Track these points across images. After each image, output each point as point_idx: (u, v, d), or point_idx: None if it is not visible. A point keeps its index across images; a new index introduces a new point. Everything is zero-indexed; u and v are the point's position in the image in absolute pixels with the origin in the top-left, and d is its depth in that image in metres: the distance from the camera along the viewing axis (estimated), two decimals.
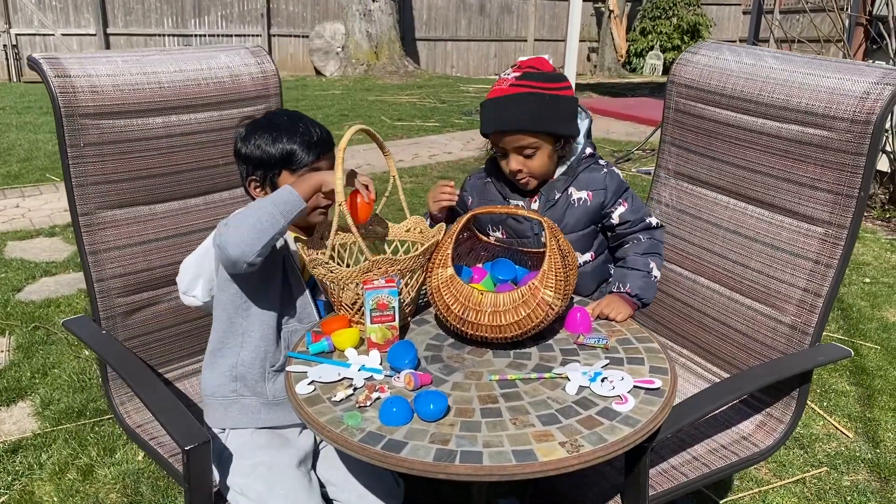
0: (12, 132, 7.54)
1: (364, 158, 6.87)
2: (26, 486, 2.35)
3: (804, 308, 1.78)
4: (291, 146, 1.69)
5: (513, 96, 1.77)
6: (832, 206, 1.72)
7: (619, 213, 1.89)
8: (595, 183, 1.88)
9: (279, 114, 1.78)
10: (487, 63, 15.25)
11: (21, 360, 3.09)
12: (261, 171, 1.71)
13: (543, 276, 1.51)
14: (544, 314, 1.51)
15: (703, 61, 2.00)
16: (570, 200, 1.88)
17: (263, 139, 1.70)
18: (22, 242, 4.54)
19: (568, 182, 1.88)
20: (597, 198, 1.87)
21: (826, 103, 1.69)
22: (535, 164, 1.83)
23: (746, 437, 1.84)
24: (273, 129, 1.71)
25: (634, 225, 1.91)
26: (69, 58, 1.78)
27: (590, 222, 1.90)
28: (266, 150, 1.69)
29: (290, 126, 1.71)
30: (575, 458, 1.23)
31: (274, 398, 1.71)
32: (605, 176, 1.88)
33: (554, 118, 1.78)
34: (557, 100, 1.78)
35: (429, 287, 1.59)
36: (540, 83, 1.77)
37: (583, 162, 1.89)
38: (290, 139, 1.69)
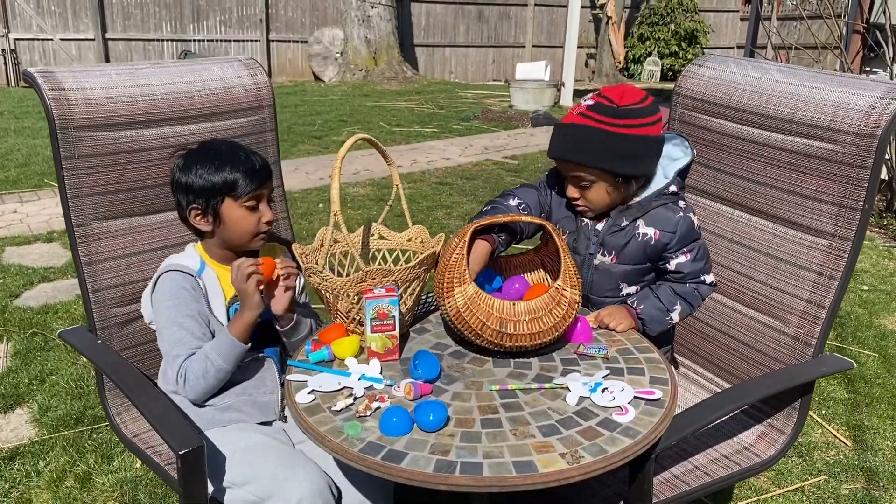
0: (10, 137, 7.53)
1: (363, 164, 6.87)
2: (24, 494, 2.34)
3: (807, 319, 1.77)
4: (234, 174, 1.71)
5: (576, 127, 1.76)
6: (836, 219, 1.71)
7: (678, 262, 1.83)
8: (666, 223, 1.81)
9: (217, 143, 1.81)
10: (486, 69, 15.28)
11: (19, 367, 3.08)
12: (203, 200, 1.73)
13: (564, 276, 1.54)
14: (574, 313, 1.56)
15: (708, 73, 2.00)
16: (636, 233, 1.83)
17: (206, 168, 1.72)
18: (20, 248, 4.52)
19: (639, 213, 1.83)
20: (663, 238, 1.81)
21: (831, 117, 1.69)
22: (592, 197, 1.81)
23: (748, 447, 1.84)
24: (215, 157, 1.73)
25: (687, 277, 1.84)
26: (63, 71, 1.79)
27: (647, 259, 1.85)
28: (209, 179, 1.71)
29: (231, 154, 1.75)
30: (575, 470, 1.23)
31: (219, 403, 1.74)
32: (678, 220, 1.81)
33: (611, 156, 1.73)
34: (620, 137, 1.72)
35: (448, 309, 1.54)
36: (607, 118, 1.73)
37: (663, 197, 1.83)
38: (234, 167, 1.72)
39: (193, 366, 1.66)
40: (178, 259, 1.79)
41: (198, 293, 1.73)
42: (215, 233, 1.78)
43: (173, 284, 1.72)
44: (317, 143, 7.82)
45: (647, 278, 1.90)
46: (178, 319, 1.69)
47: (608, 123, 1.73)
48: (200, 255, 1.81)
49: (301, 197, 5.68)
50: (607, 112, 1.74)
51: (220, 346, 1.67)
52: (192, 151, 1.77)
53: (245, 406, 1.75)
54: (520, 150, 7.74)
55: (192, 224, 1.77)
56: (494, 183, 6.30)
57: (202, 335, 1.70)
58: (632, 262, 1.85)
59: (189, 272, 1.74)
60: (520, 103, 10.70)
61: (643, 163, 1.79)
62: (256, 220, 1.76)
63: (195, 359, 1.67)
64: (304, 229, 4.80)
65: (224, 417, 1.73)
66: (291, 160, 6.91)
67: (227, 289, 1.77)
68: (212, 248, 1.81)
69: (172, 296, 1.71)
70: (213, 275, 1.78)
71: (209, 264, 1.79)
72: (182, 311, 1.70)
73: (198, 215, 1.75)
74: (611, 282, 1.86)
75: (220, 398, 1.74)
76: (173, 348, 1.69)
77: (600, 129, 1.72)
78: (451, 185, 6.16)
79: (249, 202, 1.73)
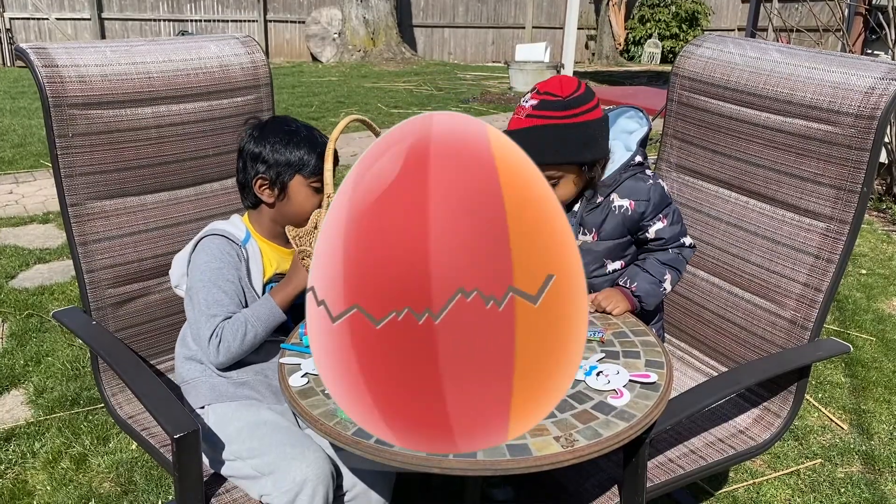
0: (6, 117, 7.49)
1: (360, 146, 6.84)
2: (19, 475, 2.34)
3: (804, 303, 1.76)
4: (312, 155, 1.74)
5: (528, 130, 1.71)
6: (834, 202, 1.70)
7: (657, 228, 1.83)
8: (639, 193, 1.81)
9: (292, 120, 1.82)
10: (485, 50, 15.19)
11: (14, 348, 3.07)
12: (273, 172, 1.74)
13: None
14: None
15: (707, 54, 1.98)
16: (612, 207, 1.82)
17: (283, 142, 1.73)
18: (15, 229, 4.51)
19: (611, 188, 1.82)
20: (638, 208, 1.81)
21: (830, 98, 1.67)
22: (562, 192, 1.78)
23: (743, 430, 1.84)
24: (294, 134, 1.75)
25: (668, 243, 1.85)
26: (57, 48, 1.76)
27: (626, 232, 1.84)
28: (285, 153, 1.73)
29: (308, 133, 1.77)
30: (569, 454, 1.22)
31: (238, 378, 1.74)
32: (650, 187, 1.81)
33: (574, 148, 1.71)
34: (576, 127, 1.71)
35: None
36: (557, 112, 1.70)
37: (630, 169, 1.83)
38: (311, 149, 1.75)
39: (231, 327, 1.66)
40: (224, 226, 1.79)
41: (240, 262, 1.74)
42: (275, 205, 1.78)
43: (218, 248, 1.72)
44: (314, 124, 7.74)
45: (630, 251, 1.90)
46: (219, 282, 1.69)
47: (560, 117, 1.70)
48: (247, 226, 1.81)
49: None
50: (555, 106, 1.70)
51: (262, 313, 1.68)
52: (269, 122, 1.79)
53: (260, 386, 1.74)
54: None
55: (255, 192, 1.77)
56: None
57: (239, 302, 1.71)
58: (613, 237, 1.85)
59: (235, 240, 1.75)
60: (519, 85, 10.64)
61: (601, 145, 1.78)
62: (318, 201, 1.76)
63: (233, 321, 1.66)
64: None
65: (238, 392, 1.73)
66: None
67: (268, 265, 1.78)
68: (262, 221, 1.81)
69: (215, 257, 1.71)
70: (256, 248, 1.78)
71: (254, 237, 1.80)
72: (223, 275, 1.70)
73: (263, 185, 1.75)
74: (595, 260, 1.86)
75: (238, 373, 1.74)
76: (211, 307, 1.67)
77: (554, 125, 1.70)
78: None
79: (316, 183, 1.75)
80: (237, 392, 1.73)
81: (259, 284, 1.77)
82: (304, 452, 1.57)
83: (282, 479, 1.53)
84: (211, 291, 1.68)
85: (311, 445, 1.60)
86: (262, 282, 1.77)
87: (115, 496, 2.25)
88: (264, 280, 1.78)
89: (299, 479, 1.52)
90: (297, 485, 1.52)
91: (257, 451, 1.59)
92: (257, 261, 1.78)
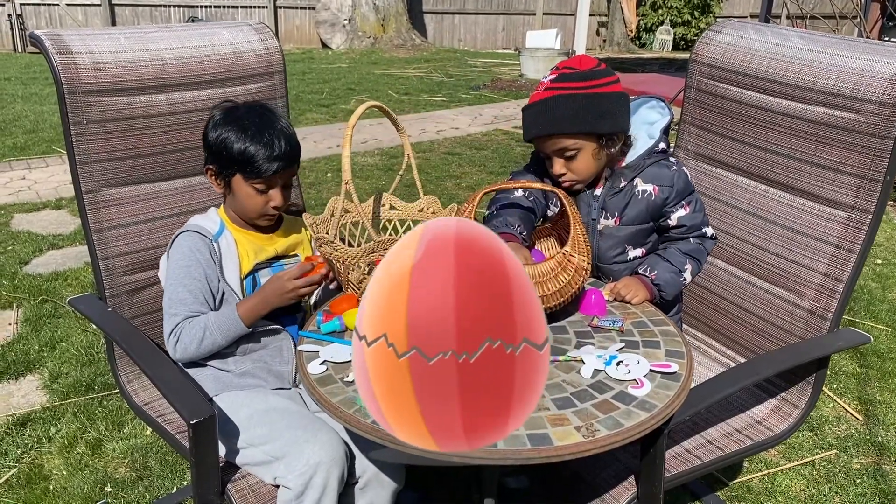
0: (18, 103, 7.50)
1: (371, 133, 6.83)
2: (35, 460, 2.35)
3: (824, 293, 1.75)
4: (250, 153, 1.65)
5: (547, 100, 1.72)
6: (856, 190, 1.68)
7: (679, 215, 1.82)
8: (662, 179, 1.80)
9: (254, 112, 1.71)
10: (495, 36, 15.10)
11: (29, 334, 3.09)
12: (218, 166, 1.71)
13: (574, 242, 1.53)
14: (582, 279, 1.54)
15: (726, 40, 1.95)
16: (635, 191, 1.81)
17: (229, 134, 1.66)
18: (28, 215, 4.52)
19: (635, 172, 1.81)
20: (662, 193, 1.79)
21: (854, 85, 1.65)
22: (578, 166, 1.76)
23: (760, 421, 1.83)
24: (242, 127, 1.66)
25: (689, 231, 1.83)
26: (71, 34, 1.75)
27: (649, 218, 1.83)
28: (228, 148, 1.66)
29: (257, 131, 1.66)
30: (591, 443, 1.22)
31: (237, 369, 1.74)
32: (673, 174, 1.80)
33: (591, 117, 1.70)
34: (595, 98, 1.70)
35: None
36: (575, 83, 1.70)
37: (653, 156, 1.81)
38: (253, 145, 1.65)
39: (190, 330, 1.66)
40: (199, 220, 1.78)
41: (211, 257, 1.72)
42: (226, 198, 1.77)
43: (188, 246, 1.71)
44: (325, 111, 7.76)
45: (651, 239, 1.89)
46: (185, 280, 1.68)
47: (578, 88, 1.70)
48: (221, 218, 1.79)
49: (309, 166, 5.65)
50: (573, 78, 1.71)
51: (223, 322, 1.66)
52: (230, 110, 1.72)
53: (262, 373, 1.75)
54: None
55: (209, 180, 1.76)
56: (504, 153, 6.25)
57: (204, 300, 1.70)
58: (636, 223, 1.83)
59: (206, 234, 1.73)
60: (530, 72, 10.58)
61: (620, 119, 1.76)
62: (263, 203, 1.71)
63: (194, 324, 1.66)
64: (312, 198, 4.78)
65: (242, 382, 1.73)
66: (299, 129, 6.86)
67: (244, 256, 1.76)
68: (231, 212, 1.79)
69: (184, 256, 1.70)
70: (230, 239, 1.76)
71: (229, 228, 1.77)
72: (190, 273, 1.69)
73: (212, 175, 1.74)
74: (616, 245, 1.85)
75: (238, 364, 1.75)
76: (173, 306, 1.68)
77: (573, 94, 1.70)
78: (461, 156, 6.11)
79: (259, 185, 1.69)
80: (242, 381, 1.73)
81: (235, 279, 1.73)
82: (316, 435, 1.57)
83: (295, 461, 1.53)
84: (176, 290, 1.69)
85: (322, 427, 1.60)
86: (238, 276, 1.74)
87: (130, 481, 2.26)
88: (242, 275, 1.75)
89: (313, 462, 1.52)
90: (310, 467, 1.52)
91: (269, 436, 1.59)
92: (231, 254, 1.74)
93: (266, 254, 1.78)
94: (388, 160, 5.90)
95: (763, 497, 2.27)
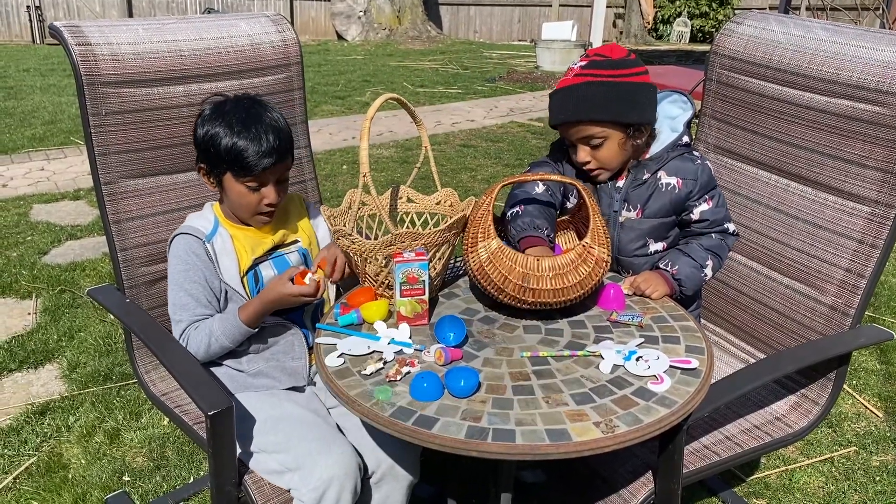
0: (36, 94, 7.55)
1: (386, 125, 6.82)
2: (54, 448, 2.37)
3: (846, 289, 1.73)
4: (241, 149, 1.60)
5: (577, 86, 1.70)
6: (880, 185, 1.65)
7: (702, 209, 1.79)
8: (686, 172, 1.78)
9: (240, 107, 1.65)
10: (511, 28, 15.03)
11: (48, 324, 3.11)
12: (208, 164, 1.67)
13: (594, 234, 1.51)
14: (602, 271, 1.52)
15: (748, 32, 1.93)
16: (659, 184, 1.79)
17: (217, 131, 1.61)
18: (47, 206, 4.55)
19: (659, 165, 1.79)
20: (685, 187, 1.78)
21: (879, 77, 1.62)
22: (604, 155, 1.75)
23: (780, 417, 1.81)
24: (230, 123, 1.61)
25: (712, 226, 1.81)
26: (90, 25, 1.76)
27: (672, 211, 1.81)
28: (215, 145, 1.61)
29: (244, 127, 1.61)
30: (610, 439, 1.21)
31: (250, 369, 1.74)
32: (697, 168, 1.78)
33: (620, 106, 1.69)
34: (624, 87, 1.69)
35: (472, 264, 1.54)
36: (606, 70, 1.69)
37: (677, 149, 1.80)
38: (243, 142, 1.60)
39: (196, 336, 1.65)
40: (193, 220, 1.75)
41: (206, 259, 1.68)
42: (220, 195, 1.74)
43: (182, 248, 1.68)
44: (340, 103, 7.76)
45: (672, 233, 1.86)
46: (185, 284, 1.67)
47: (608, 75, 1.68)
48: (216, 215, 1.75)
49: (325, 158, 5.65)
50: (604, 65, 1.70)
51: (227, 328, 1.64)
52: (218, 105, 1.67)
53: (275, 372, 1.74)
54: (545, 113, 7.59)
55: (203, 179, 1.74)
56: (520, 146, 6.23)
57: (207, 303, 1.68)
58: (658, 216, 1.81)
59: (198, 236, 1.69)
60: (546, 64, 10.54)
61: (648, 109, 1.75)
62: (257, 201, 1.67)
63: (200, 329, 1.65)
64: (328, 190, 4.78)
65: (256, 383, 1.73)
66: (315, 121, 6.87)
67: (243, 252, 1.72)
68: (226, 208, 1.76)
69: (181, 259, 1.68)
70: (226, 237, 1.72)
71: (224, 225, 1.73)
72: (189, 277, 1.67)
73: (204, 174, 1.72)
74: (637, 238, 1.83)
75: (251, 364, 1.74)
76: (176, 312, 1.67)
77: (602, 82, 1.68)
78: (476, 148, 6.09)
79: (250, 182, 1.64)
80: (256, 382, 1.73)
81: (234, 278, 1.70)
82: (329, 448, 1.55)
83: (308, 475, 1.52)
84: (178, 294, 1.67)
85: (335, 440, 1.58)
86: (238, 274, 1.70)
87: (147, 471, 2.28)
88: (242, 272, 1.71)
89: (326, 477, 1.51)
90: (323, 482, 1.51)
91: (282, 445, 1.58)
92: (228, 252, 1.70)
93: (264, 247, 1.75)
94: (403, 152, 5.89)
95: (781, 494, 2.25)
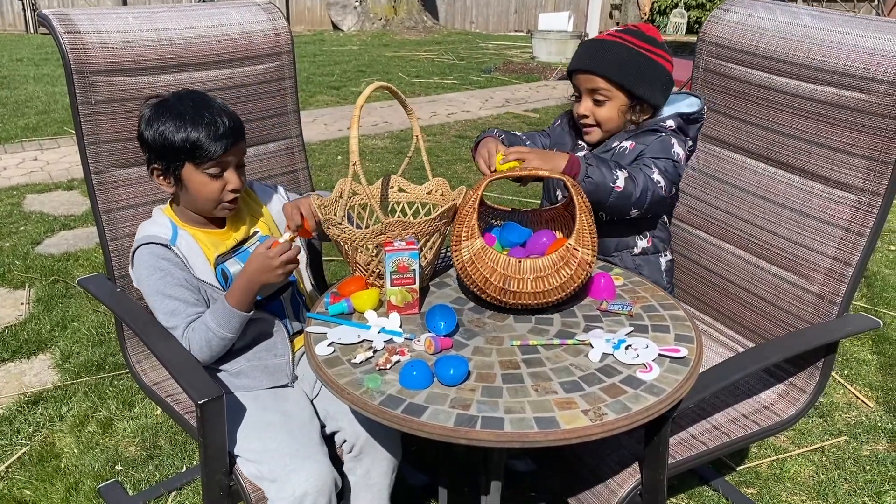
0: (30, 84, 7.52)
1: (381, 116, 6.81)
2: (47, 438, 2.38)
3: (832, 277, 1.73)
4: (195, 138, 1.58)
5: (604, 41, 1.85)
6: (867, 173, 1.66)
7: (639, 151, 1.84)
8: (644, 140, 1.85)
9: (186, 98, 1.64)
10: (507, 19, 14.99)
11: (41, 314, 3.11)
12: (163, 162, 1.63)
13: (578, 235, 1.49)
14: (585, 273, 1.51)
15: (735, 19, 1.93)
16: (615, 147, 1.88)
17: (167, 126, 1.59)
18: (40, 195, 4.55)
19: (628, 136, 1.87)
20: (636, 149, 1.84)
21: (865, 64, 1.63)
22: (603, 114, 1.86)
23: (768, 406, 1.82)
24: (178, 116, 1.60)
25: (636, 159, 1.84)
26: (79, 13, 1.75)
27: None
28: (168, 139, 1.59)
29: (195, 114, 1.60)
30: (598, 427, 1.21)
31: (231, 368, 1.73)
32: (657, 138, 1.84)
33: (633, 74, 1.81)
34: (645, 59, 1.82)
35: (457, 262, 1.54)
36: (636, 39, 1.83)
37: (656, 125, 1.86)
38: (195, 129, 1.58)
39: (196, 336, 1.62)
40: (149, 229, 1.70)
41: (177, 261, 1.65)
42: (178, 195, 1.69)
43: (149, 258, 1.64)
44: (335, 93, 7.74)
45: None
46: (167, 290, 1.63)
47: (635, 44, 1.82)
48: (171, 218, 1.72)
49: (319, 148, 5.64)
50: (636, 35, 1.84)
51: (221, 319, 1.61)
52: (159, 104, 1.64)
53: (255, 372, 1.72)
54: (541, 104, 7.62)
55: (157, 183, 1.69)
56: None
57: (196, 301, 1.65)
58: None
59: (162, 243, 1.65)
60: (542, 55, 10.51)
61: (657, 91, 1.85)
62: (220, 188, 1.65)
63: (197, 329, 1.62)
64: (322, 181, 4.78)
65: (237, 383, 1.72)
66: (309, 111, 6.85)
67: (208, 250, 1.71)
68: (183, 211, 1.72)
69: (154, 268, 1.63)
70: (188, 238, 1.69)
71: (182, 228, 1.70)
72: (168, 282, 1.63)
73: (159, 176, 1.66)
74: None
75: (231, 364, 1.73)
76: (168, 320, 1.63)
77: (627, 46, 1.82)
78: (471, 139, 6.08)
79: (212, 169, 1.62)
80: (237, 383, 1.72)
81: (208, 273, 1.69)
82: (303, 464, 1.55)
83: (281, 489, 1.53)
84: (163, 303, 1.63)
85: (310, 455, 1.58)
86: (210, 270, 1.69)
87: (140, 460, 2.29)
88: (213, 265, 1.69)
89: (299, 493, 1.52)
90: (296, 498, 1.52)
91: (259, 456, 1.58)
92: (195, 253, 1.69)
93: (227, 245, 1.73)
94: (398, 143, 5.88)
95: (771, 482, 2.27)
